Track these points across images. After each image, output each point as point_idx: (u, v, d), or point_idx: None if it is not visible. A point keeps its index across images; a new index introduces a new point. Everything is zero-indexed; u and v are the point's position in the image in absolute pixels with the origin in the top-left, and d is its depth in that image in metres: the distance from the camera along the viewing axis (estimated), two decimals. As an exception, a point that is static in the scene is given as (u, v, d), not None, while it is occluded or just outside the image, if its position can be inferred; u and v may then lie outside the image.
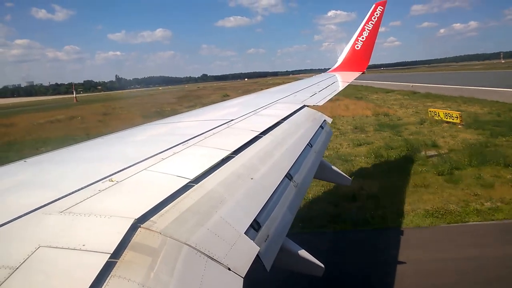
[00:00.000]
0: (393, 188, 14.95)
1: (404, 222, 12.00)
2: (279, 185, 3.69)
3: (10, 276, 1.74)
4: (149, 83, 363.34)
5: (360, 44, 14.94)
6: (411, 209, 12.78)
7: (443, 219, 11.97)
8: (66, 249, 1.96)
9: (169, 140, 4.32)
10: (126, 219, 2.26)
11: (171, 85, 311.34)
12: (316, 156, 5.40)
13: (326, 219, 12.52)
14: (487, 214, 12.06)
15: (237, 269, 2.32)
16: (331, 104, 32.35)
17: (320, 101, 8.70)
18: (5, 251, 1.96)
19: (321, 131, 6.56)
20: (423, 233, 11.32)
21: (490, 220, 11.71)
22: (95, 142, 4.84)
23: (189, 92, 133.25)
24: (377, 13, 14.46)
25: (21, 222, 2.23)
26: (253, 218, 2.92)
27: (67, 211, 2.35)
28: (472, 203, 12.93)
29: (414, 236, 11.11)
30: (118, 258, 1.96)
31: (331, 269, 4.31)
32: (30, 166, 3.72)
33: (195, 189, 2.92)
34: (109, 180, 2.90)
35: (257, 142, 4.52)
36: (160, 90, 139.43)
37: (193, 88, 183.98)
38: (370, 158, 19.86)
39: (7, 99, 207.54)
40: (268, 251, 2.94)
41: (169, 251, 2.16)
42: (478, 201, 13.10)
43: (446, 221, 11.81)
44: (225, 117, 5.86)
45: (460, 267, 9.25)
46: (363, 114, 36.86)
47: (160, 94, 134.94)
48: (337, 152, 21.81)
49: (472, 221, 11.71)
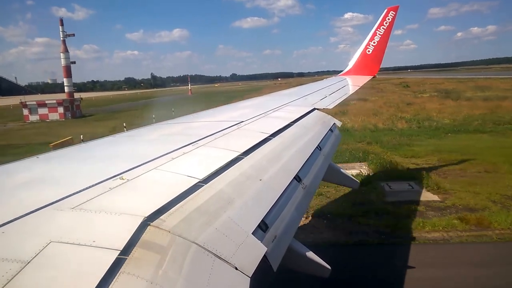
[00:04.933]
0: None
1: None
2: (287, 187, 3.69)
3: (22, 270, 1.77)
4: (184, 81, 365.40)
5: (371, 48, 14.89)
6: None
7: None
8: (76, 245, 1.99)
9: (180, 140, 4.35)
10: (136, 217, 2.28)
11: (200, 84, 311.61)
12: (324, 159, 5.39)
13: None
14: None
15: (244, 268, 2.32)
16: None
17: (330, 105, 8.69)
18: (17, 245, 1.99)
19: (331, 134, 6.55)
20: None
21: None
22: (106, 140, 4.89)
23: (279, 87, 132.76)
24: (389, 18, 14.43)
25: (33, 217, 2.27)
26: (261, 219, 2.92)
27: (78, 208, 2.38)
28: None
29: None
30: (128, 255, 1.98)
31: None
32: (42, 163, 3.77)
33: (204, 189, 2.94)
34: (120, 178, 2.93)
35: (266, 144, 4.53)
36: (217, 87, 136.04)
37: (270, 84, 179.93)
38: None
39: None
40: (275, 252, 2.95)
41: (178, 249, 2.18)
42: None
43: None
44: (235, 118, 5.88)
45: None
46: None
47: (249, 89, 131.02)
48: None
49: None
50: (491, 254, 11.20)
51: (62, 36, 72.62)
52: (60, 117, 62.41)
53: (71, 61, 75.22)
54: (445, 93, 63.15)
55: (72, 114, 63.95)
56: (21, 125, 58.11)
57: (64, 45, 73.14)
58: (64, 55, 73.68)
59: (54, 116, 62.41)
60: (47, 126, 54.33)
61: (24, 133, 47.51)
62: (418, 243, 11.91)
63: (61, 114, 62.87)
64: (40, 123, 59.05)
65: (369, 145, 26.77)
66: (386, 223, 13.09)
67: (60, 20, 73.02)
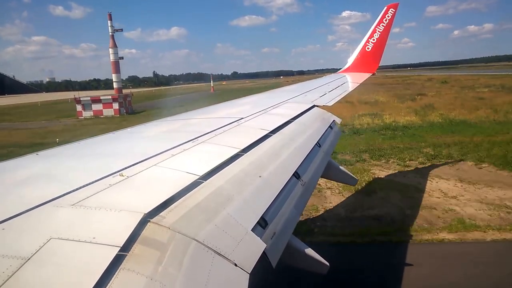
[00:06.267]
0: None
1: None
2: (286, 184, 3.71)
3: (22, 266, 1.77)
4: (186, 79, 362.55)
5: (371, 45, 14.88)
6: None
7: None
8: (76, 242, 2.00)
9: (180, 136, 4.35)
10: (135, 213, 2.29)
11: (203, 82, 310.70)
12: (324, 156, 5.40)
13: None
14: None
15: (243, 265, 2.34)
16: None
17: (329, 102, 8.69)
18: (17, 242, 2.00)
19: (330, 131, 6.56)
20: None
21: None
22: (106, 137, 4.90)
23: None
24: (388, 15, 14.40)
25: (33, 214, 2.27)
26: (260, 216, 2.94)
27: (78, 204, 2.39)
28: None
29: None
30: (128, 252, 1.99)
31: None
32: (42, 160, 3.78)
33: (204, 186, 2.95)
34: (119, 175, 2.94)
35: (266, 140, 4.54)
36: (224, 85, 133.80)
37: (277, 81, 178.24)
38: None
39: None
40: (274, 248, 2.96)
41: (178, 245, 2.19)
42: None
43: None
44: (235, 115, 5.88)
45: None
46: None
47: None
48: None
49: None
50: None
51: (110, 31, 69.71)
52: (114, 113, 60.17)
53: (119, 57, 73.07)
54: (502, 88, 59.06)
55: (125, 110, 62.10)
56: (78, 121, 55.58)
57: (112, 40, 70.15)
58: (113, 51, 70.51)
59: (108, 112, 60.32)
60: (110, 121, 50.80)
61: (90, 128, 43.09)
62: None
63: (116, 110, 60.73)
64: (93, 119, 56.59)
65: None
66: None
67: (108, 15, 69.41)
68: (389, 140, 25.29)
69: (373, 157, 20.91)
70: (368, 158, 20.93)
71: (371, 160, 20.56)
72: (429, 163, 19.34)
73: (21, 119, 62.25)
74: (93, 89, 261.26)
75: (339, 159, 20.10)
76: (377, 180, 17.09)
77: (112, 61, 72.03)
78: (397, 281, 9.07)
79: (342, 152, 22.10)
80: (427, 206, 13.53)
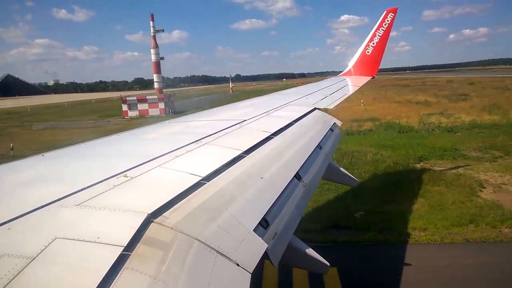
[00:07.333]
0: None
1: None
2: (288, 185, 3.73)
3: (27, 265, 1.79)
4: (191, 81, 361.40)
5: (370, 49, 14.95)
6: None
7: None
8: (81, 241, 2.01)
9: (183, 138, 4.38)
10: (139, 213, 2.31)
11: (207, 84, 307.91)
12: (325, 158, 5.43)
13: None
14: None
15: (245, 265, 2.35)
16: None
17: (330, 104, 8.72)
18: (23, 241, 2.02)
19: (331, 133, 6.58)
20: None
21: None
22: (111, 138, 4.93)
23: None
24: (388, 19, 14.50)
25: (38, 214, 2.29)
26: (262, 216, 2.96)
27: (83, 205, 2.41)
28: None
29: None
30: (131, 251, 2.01)
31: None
32: (48, 160, 3.81)
33: (207, 187, 2.97)
34: (123, 176, 2.96)
35: (268, 142, 4.56)
36: (232, 87, 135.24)
37: (282, 83, 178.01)
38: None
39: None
40: (276, 249, 2.98)
41: (180, 245, 2.21)
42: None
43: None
44: (238, 117, 5.91)
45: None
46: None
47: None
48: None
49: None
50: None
51: (152, 32, 69.67)
52: (160, 113, 60.01)
53: (160, 57, 72.91)
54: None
55: (170, 110, 61.97)
56: (127, 120, 55.58)
57: (154, 40, 70.14)
58: (154, 51, 71.01)
59: (154, 111, 60.35)
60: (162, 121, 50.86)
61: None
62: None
63: (162, 109, 60.80)
64: (142, 118, 55.98)
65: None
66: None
67: (150, 16, 70.07)
68: (497, 138, 25.01)
69: (509, 154, 21.09)
70: (503, 154, 21.08)
71: (506, 156, 20.70)
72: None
73: (64, 118, 62.38)
74: (101, 90, 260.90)
75: (487, 157, 20.51)
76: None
77: (153, 62, 72.13)
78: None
79: (468, 148, 22.35)
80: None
